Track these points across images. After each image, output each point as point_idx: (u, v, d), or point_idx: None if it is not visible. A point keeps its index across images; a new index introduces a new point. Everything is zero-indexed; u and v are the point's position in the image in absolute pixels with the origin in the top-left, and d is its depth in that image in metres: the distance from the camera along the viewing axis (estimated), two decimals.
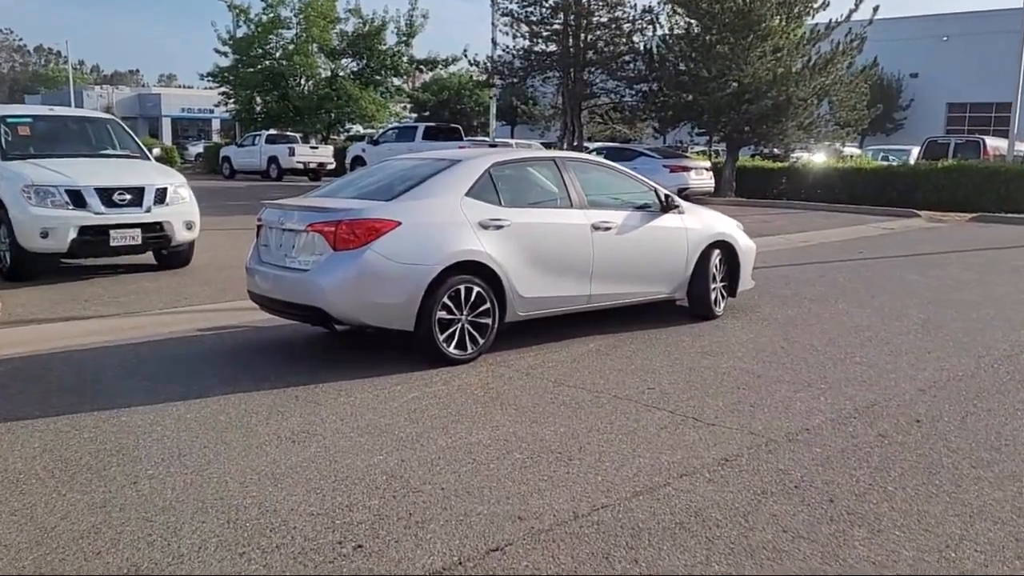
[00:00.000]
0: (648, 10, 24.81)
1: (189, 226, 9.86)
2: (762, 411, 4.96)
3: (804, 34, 22.53)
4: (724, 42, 21.65)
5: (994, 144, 23.73)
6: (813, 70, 21.90)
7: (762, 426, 4.69)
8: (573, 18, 24.73)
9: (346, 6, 34.35)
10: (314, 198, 6.71)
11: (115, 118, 11.74)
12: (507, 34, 26.01)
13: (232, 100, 35.86)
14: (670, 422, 4.76)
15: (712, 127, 24.00)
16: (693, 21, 23.10)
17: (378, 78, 34.85)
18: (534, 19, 25.40)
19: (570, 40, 25.03)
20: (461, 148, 19.66)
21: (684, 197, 7.51)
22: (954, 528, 3.45)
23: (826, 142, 24.38)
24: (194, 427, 4.65)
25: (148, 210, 9.41)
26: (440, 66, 36.72)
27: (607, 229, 6.76)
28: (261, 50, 34.16)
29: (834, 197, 21.25)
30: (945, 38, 43.20)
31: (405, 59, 34.67)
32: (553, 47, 25.68)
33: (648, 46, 24.97)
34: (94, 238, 9.13)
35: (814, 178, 22.45)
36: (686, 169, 21.10)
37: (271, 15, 33.71)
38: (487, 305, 6.04)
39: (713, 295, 7.54)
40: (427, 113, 46.33)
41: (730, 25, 21.60)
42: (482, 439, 4.47)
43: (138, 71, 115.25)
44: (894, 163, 24.83)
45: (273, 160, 31.39)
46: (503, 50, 27.00)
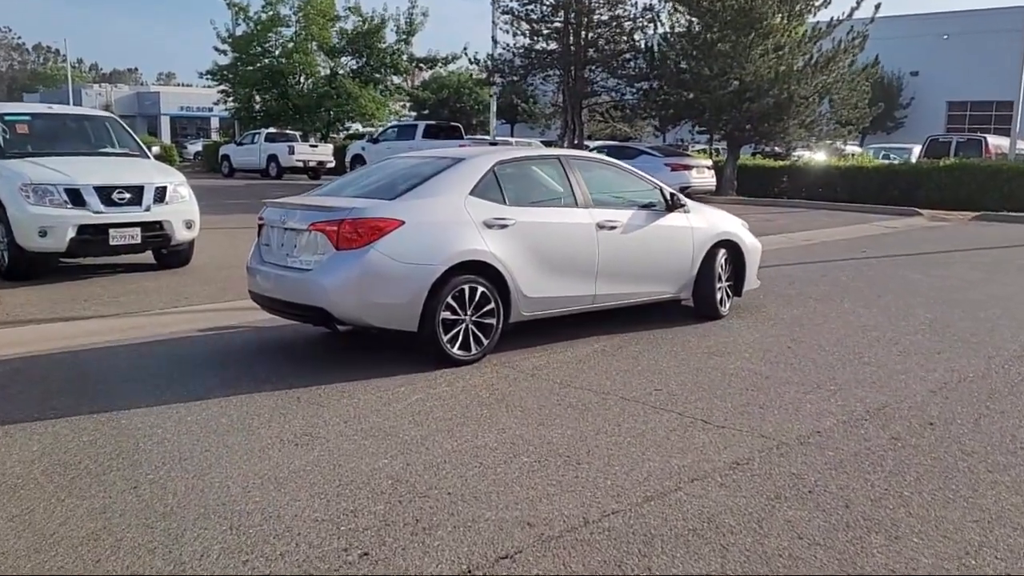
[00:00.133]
0: (649, 8, 24.74)
1: (189, 225, 9.77)
2: (772, 413, 4.89)
3: (806, 32, 22.45)
4: (725, 40, 21.55)
5: (996, 142, 23.67)
6: (815, 68, 21.82)
7: (772, 429, 4.61)
8: (574, 16, 24.64)
9: (346, 4, 34.29)
10: (316, 197, 6.62)
11: (114, 116, 11.65)
12: (507, 32, 25.97)
13: (231, 98, 35.82)
14: (679, 424, 4.69)
15: (713, 125, 23.92)
16: (694, 19, 23.00)
17: (378, 76, 34.80)
18: (535, 17, 25.30)
19: (571, 38, 24.94)
20: (462, 146, 19.62)
21: (686, 196, 7.45)
22: (973, 535, 3.38)
23: (827, 140, 24.28)
24: (195, 430, 4.57)
25: (148, 209, 9.33)
26: (440, 64, 36.70)
27: (612, 228, 6.68)
28: (260, 48, 34.13)
29: (835, 196, 21.19)
30: (945, 36, 43.12)
31: (405, 57, 34.63)
32: (554, 45, 25.60)
33: (649, 44, 24.89)
34: (93, 237, 9.04)
35: (815, 177, 22.38)
36: (687, 168, 21.01)
37: (270, 13, 33.68)
38: (491, 305, 5.96)
39: (719, 295, 7.47)
40: (426, 111, 46.27)
41: (731, 23, 21.52)
42: (488, 442, 4.39)
43: (137, 69, 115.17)
44: (895, 162, 24.75)
45: (272, 158, 31.34)
46: (503, 48, 26.94)
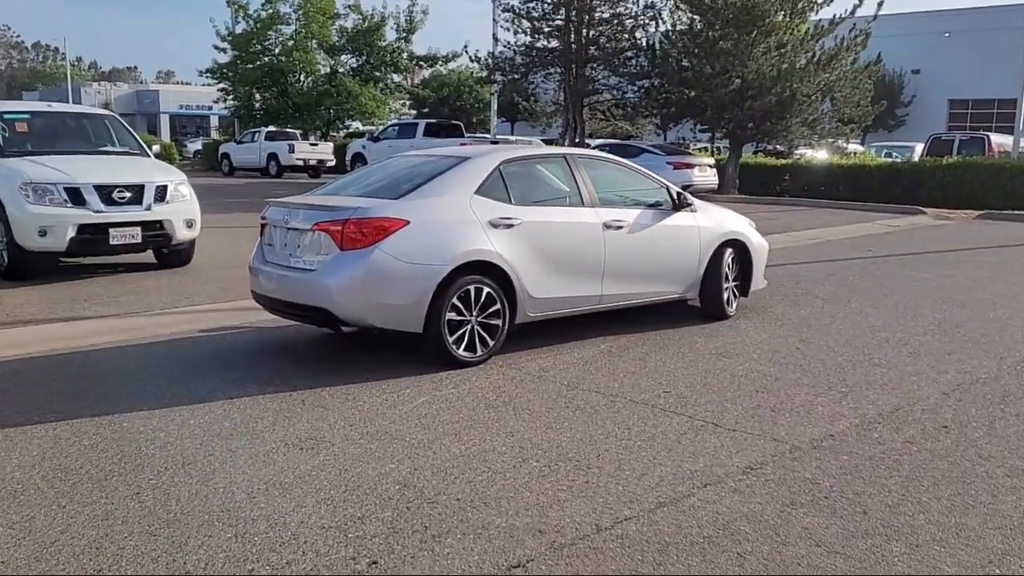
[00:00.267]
0: (650, 6, 24.64)
1: (190, 224, 9.69)
2: (783, 416, 4.81)
3: (808, 30, 22.38)
4: (727, 38, 21.46)
5: (999, 141, 23.63)
6: (817, 66, 21.75)
7: (785, 432, 4.54)
8: (575, 14, 24.54)
9: (345, 2, 34.25)
10: (319, 196, 6.54)
11: (114, 114, 11.56)
12: (508, 30, 25.86)
13: (231, 96, 35.73)
14: (689, 428, 4.61)
15: (715, 124, 23.85)
16: (696, 17, 22.91)
17: (378, 74, 34.73)
18: (536, 15, 25.21)
19: (572, 36, 24.83)
20: (463, 145, 19.53)
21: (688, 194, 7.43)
22: (995, 542, 3.30)
23: (829, 139, 24.19)
24: (198, 433, 4.50)
25: (148, 208, 9.25)
26: (440, 62, 36.60)
27: (619, 228, 6.61)
28: (260, 46, 34.05)
29: (837, 194, 21.10)
30: (947, 34, 43.06)
31: (405, 55, 34.56)
32: (555, 43, 25.49)
33: (650, 42, 24.80)
34: (93, 236, 8.96)
35: (817, 175, 22.29)
36: (690, 166, 20.92)
37: (270, 11, 33.60)
38: (497, 306, 5.88)
39: (726, 295, 7.39)
40: (426, 110, 46.20)
41: (733, 21, 21.44)
42: (496, 446, 4.32)
43: (136, 68, 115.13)
44: (898, 160, 24.68)
45: (273, 157, 31.27)
46: (504, 46, 26.83)
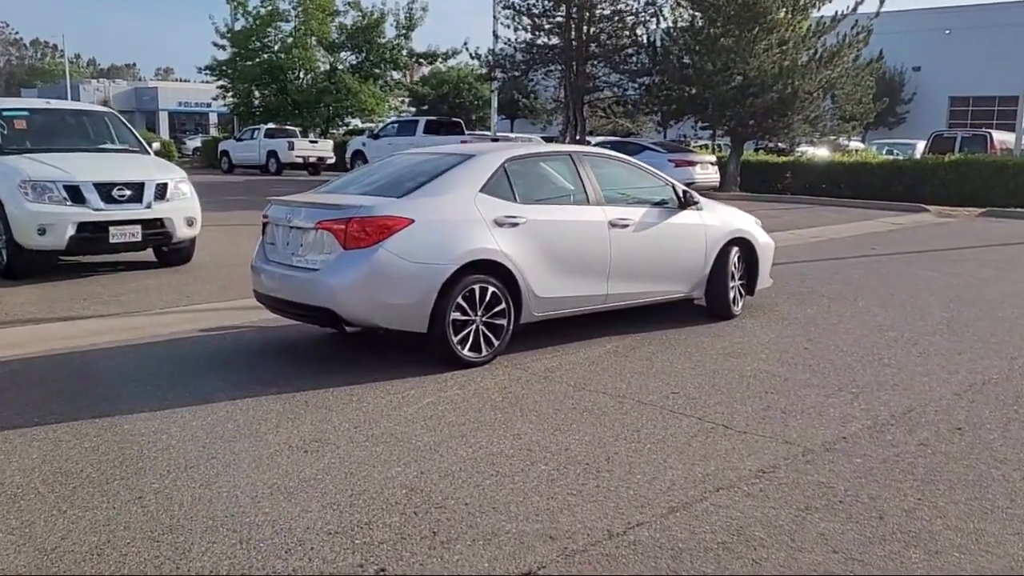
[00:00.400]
0: (651, 2, 24.59)
1: (190, 222, 9.61)
2: (794, 418, 4.74)
3: (810, 27, 22.28)
4: (729, 35, 21.38)
5: (1001, 138, 23.54)
6: (819, 63, 21.67)
7: (797, 434, 4.47)
8: (575, 10, 24.45)
9: None
10: (322, 194, 6.46)
11: (113, 111, 11.48)
12: (508, 27, 25.76)
13: (230, 94, 35.63)
14: (699, 430, 4.55)
15: (716, 121, 23.76)
16: (697, 13, 22.84)
17: (377, 71, 34.66)
18: (536, 11, 25.11)
19: (572, 33, 24.75)
20: (463, 142, 19.46)
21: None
22: (1016, 548, 3.23)
23: (831, 136, 24.12)
24: (201, 435, 4.43)
25: (148, 206, 9.17)
26: (440, 59, 36.49)
27: (625, 226, 6.53)
28: (259, 43, 33.95)
29: (839, 192, 21.03)
30: (948, 31, 42.97)
31: (404, 52, 34.47)
32: (555, 40, 25.40)
33: (652, 39, 24.73)
34: (93, 235, 8.89)
35: (819, 172, 22.21)
36: (691, 164, 20.84)
37: (269, 8, 33.50)
38: (502, 306, 5.81)
39: (732, 294, 7.32)
40: (426, 107, 46.11)
41: (735, 17, 21.36)
42: (504, 449, 4.25)
43: (135, 65, 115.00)
44: (899, 157, 24.60)
45: (272, 154, 31.19)
46: (504, 43, 26.76)
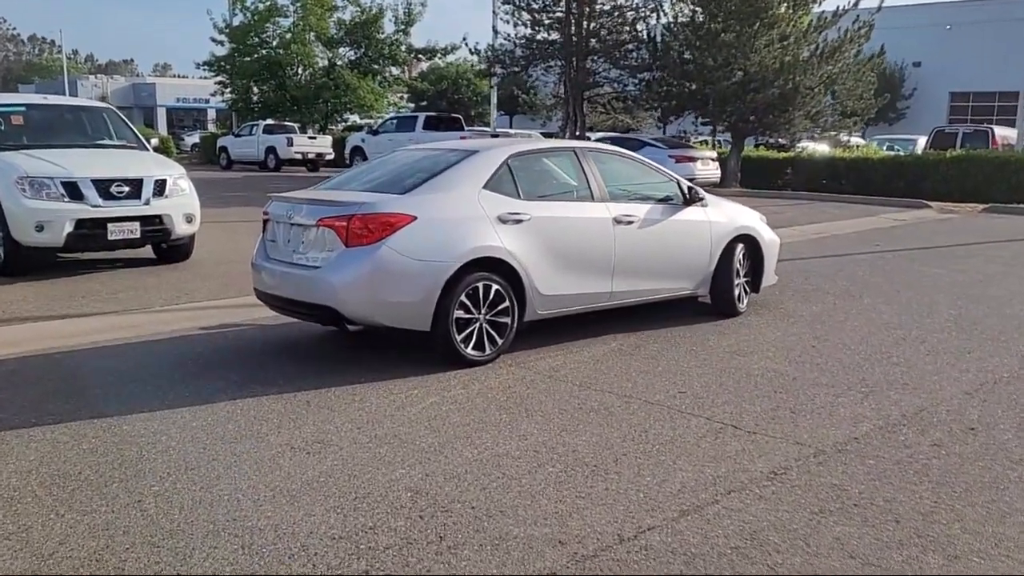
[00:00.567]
0: None
1: (189, 219, 9.52)
2: (804, 418, 4.67)
3: (811, 22, 22.17)
4: (730, 30, 21.25)
5: (1003, 133, 23.50)
6: (820, 58, 21.56)
7: (807, 435, 4.40)
8: (575, 6, 24.30)
9: None
10: (323, 191, 6.38)
11: (111, 107, 11.38)
12: (508, 22, 25.61)
13: (228, 90, 35.49)
14: (708, 430, 4.47)
15: (717, 117, 23.66)
16: (698, 9, 22.69)
17: (376, 67, 34.51)
18: (536, 6, 24.96)
19: (572, 28, 24.60)
20: (463, 138, 19.35)
21: None
22: None
23: (832, 132, 24.02)
24: (201, 436, 4.35)
25: (147, 202, 9.08)
26: (439, 55, 36.34)
27: (629, 223, 6.45)
28: (258, 39, 33.81)
29: (840, 187, 20.93)
30: (949, 27, 42.87)
31: (403, 48, 34.32)
32: (555, 35, 25.26)
33: (652, 34, 24.58)
34: (91, 232, 8.80)
35: (820, 168, 22.12)
36: (692, 159, 20.76)
37: (268, 3, 33.36)
38: (506, 304, 5.73)
39: (737, 291, 7.25)
40: (425, 103, 45.98)
41: (736, 13, 21.24)
42: (510, 450, 4.18)
43: (132, 60, 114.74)
44: (900, 153, 24.52)
45: (271, 150, 31.07)
46: (504, 38, 26.62)
